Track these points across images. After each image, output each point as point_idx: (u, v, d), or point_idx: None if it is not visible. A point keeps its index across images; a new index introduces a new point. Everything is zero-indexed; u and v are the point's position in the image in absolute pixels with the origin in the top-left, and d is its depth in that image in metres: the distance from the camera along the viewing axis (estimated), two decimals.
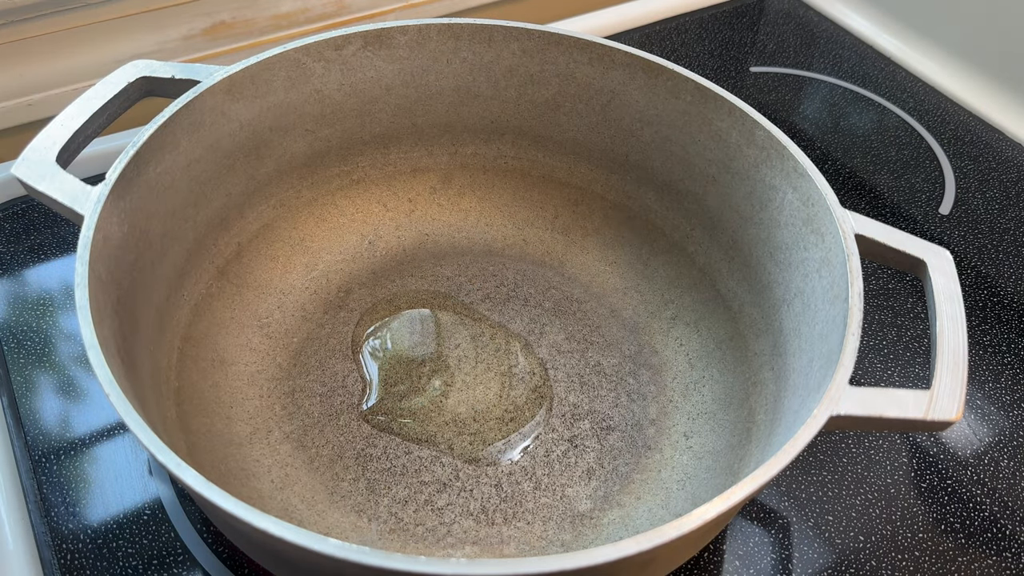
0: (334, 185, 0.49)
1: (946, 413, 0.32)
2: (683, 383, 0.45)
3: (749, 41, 0.72)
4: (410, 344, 0.46)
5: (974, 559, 0.40)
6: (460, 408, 0.43)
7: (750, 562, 0.39)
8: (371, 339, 0.46)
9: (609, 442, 0.43)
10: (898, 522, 0.41)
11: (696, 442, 0.43)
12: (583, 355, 0.46)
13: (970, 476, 0.43)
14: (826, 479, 0.42)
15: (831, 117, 0.65)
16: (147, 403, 0.35)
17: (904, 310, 0.51)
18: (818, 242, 0.39)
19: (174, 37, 0.61)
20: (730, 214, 0.45)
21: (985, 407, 0.46)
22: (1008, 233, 0.56)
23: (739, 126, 0.43)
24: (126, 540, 0.38)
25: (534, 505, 0.40)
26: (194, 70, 0.41)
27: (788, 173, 0.41)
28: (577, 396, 0.44)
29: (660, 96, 0.45)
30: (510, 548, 0.38)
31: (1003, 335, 0.50)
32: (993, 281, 0.53)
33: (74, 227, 0.52)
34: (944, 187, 0.59)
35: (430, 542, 0.38)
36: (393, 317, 0.47)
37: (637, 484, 0.41)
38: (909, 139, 0.63)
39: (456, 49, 0.46)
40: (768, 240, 0.43)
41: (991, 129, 0.64)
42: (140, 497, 0.39)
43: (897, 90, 0.67)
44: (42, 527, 0.38)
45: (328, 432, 0.42)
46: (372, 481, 0.40)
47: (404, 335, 0.46)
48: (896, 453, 0.44)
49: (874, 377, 0.47)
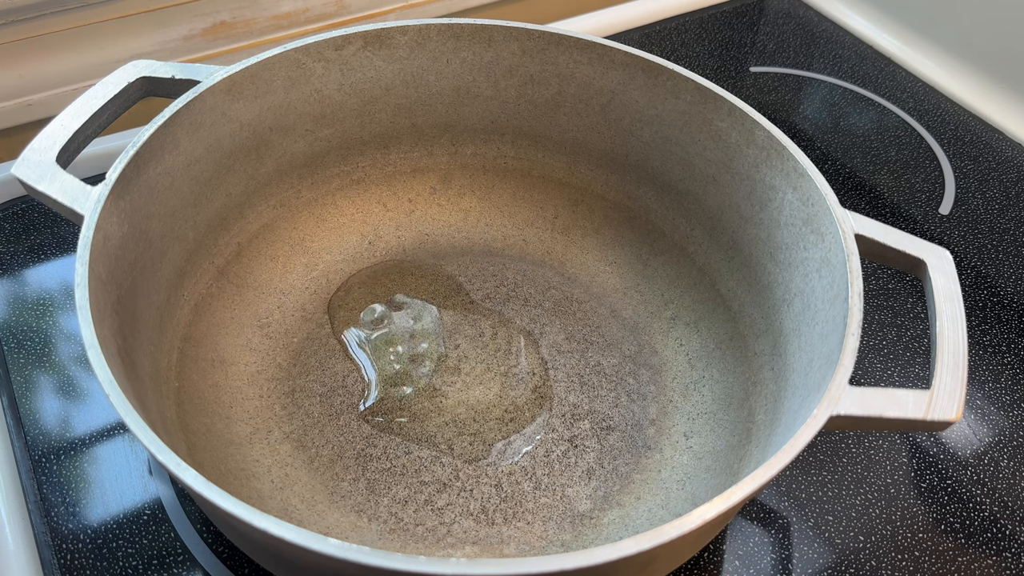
0: (334, 185, 0.49)
1: (946, 413, 0.32)
2: (683, 383, 0.45)
3: (749, 41, 0.72)
4: (410, 344, 0.46)
5: (974, 559, 0.40)
6: (460, 408, 0.43)
7: (750, 562, 0.39)
8: (371, 337, 0.46)
9: (609, 442, 0.43)
10: (898, 522, 0.41)
11: (696, 442, 0.43)
12: (583, 355, 0.46)
13: (970, 476, 0.43)
14: (826, 479, 0.42)
15: (831, 117, 0.65)
16: (147, 403, 0.35)
17: (904, 310, 0.51)
18: (818, 242, 0.39)
19: (174, 37, 0.61)
20: (730, 214, 0.45)
21: (985, 407, 0.46)
22: (1008, 233, 0.56)
23: (739, 126, 0.43)
24: (126, 540, 0.38)
25: (534, 505, 0.40)
26: (194, 70, 0.41)
27: (788, 173, 0.41)
28: (577, 396, 0.44)
29: (660, 96, 0.45)
30: (510, 548, 0.38)
31: (1003, 335, 0.50)
32: (993, 281, 0.53)
33: (74, 227, 0.52)
34: (944, 187, 0.59)
35: (430, 542, 0.38)
36: (393, 315, 0.47)
37: (637, 484, 0.41)
38: (909, 139, 0.63)
39: (456, 49, 0.46)
40: (768, 240, 0.43)
41: (991, 129, 0.64)
42: (140, 497, 0.39)
43: (897, 90, 0.67)
44: (42, 527, 0.38)
45: (328, 432, 0.42)
46: (372, 481, 0.40)
47: (404, 335, 0.46)
48: (896, 453, 0.44)
49: (874, 377, 0.47)
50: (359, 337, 0.46)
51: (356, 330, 0.46)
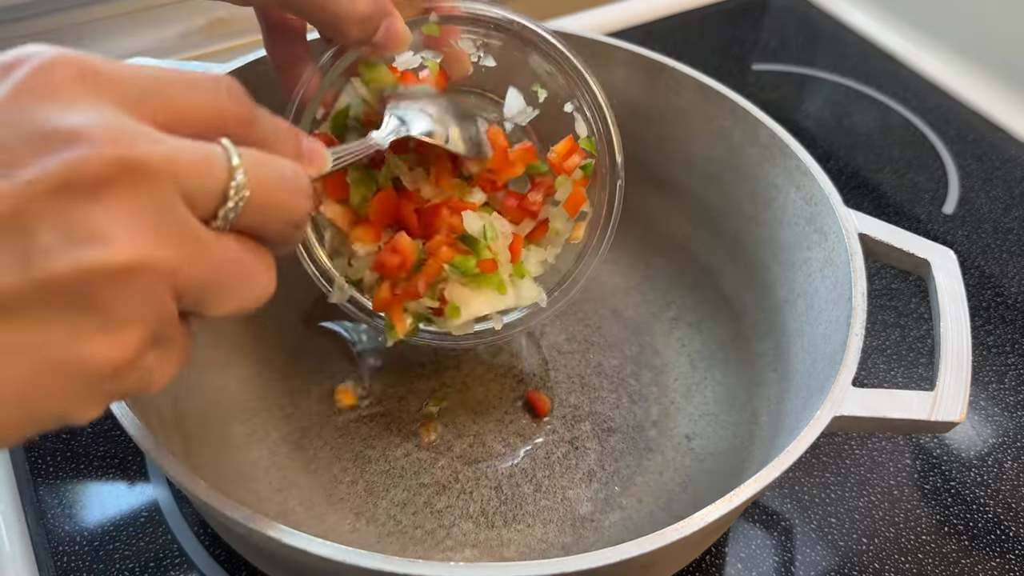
0: None
1: (950, 414, 0.32)
2: (685, 384, 0.45)
3: (752, 39, 0.71)
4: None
5: (977, 561, 0.40)
6: (460, 409, 0.43)
7: (752, 565, 0.39)
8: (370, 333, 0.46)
9: (610, 444, 0.42)
10: (902, 524, 0.41)
11: (698, 444, 0.42)
12: (584, 356, 0.46)
13: (974, 478, 0.43)
14: (829, 481, 0.42)
15: (834, 115, 0.65)
16: (144, 404, 0.35)
17: (908, 310, 0.50)
18: (821, 241, 0.39)
19: (172, 34, 0.61)
20: (732, 213, 0.45)
21: (989, 408, 0.46)
22: (1012, 233, 0.56)
23: (741, 124, 0.43)
24: (122, 543, 0.37)
25: (534, 508, 0.40)
26: (192, 67, 0.41)
27: (791, 172, 0.41)
28: (578, 397, 0.44)
29: (661, 94, 0.45)
30: (510, 551, 0.38)
31: (1007, 335, 0.50)
32: (997, 281, 0.53)
33: None
34: (948, 186, 0.59)
35: (429, 545, 0.38)
36: None
37: (638, 486, 0.41)
38: (913, 138, 0.63)
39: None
40: (771, 239, 0.43)
41: (995, 128, 0.64)
42: (136, 500, 0.39)
43: (901, 88, 0.67)
44: (38, 529, 0.38)
45: (326, 434, 0.42)
46: (371, 483, 0.40)
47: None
48: (899, 455, 0.44)
49: (877, 378, 0.47)
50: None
51: None
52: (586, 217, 0.40)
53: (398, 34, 0.33)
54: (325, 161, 0.27)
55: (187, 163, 0.20)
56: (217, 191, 0.21)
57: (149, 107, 0.21)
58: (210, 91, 0.22)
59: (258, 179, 0.22)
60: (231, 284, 0.22)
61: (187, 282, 0.20)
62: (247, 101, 0.23)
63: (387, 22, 0.33)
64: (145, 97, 0.21)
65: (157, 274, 0.20)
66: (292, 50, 0.36)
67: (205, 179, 0.21)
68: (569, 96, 0.38)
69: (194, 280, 0.21)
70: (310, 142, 0.26)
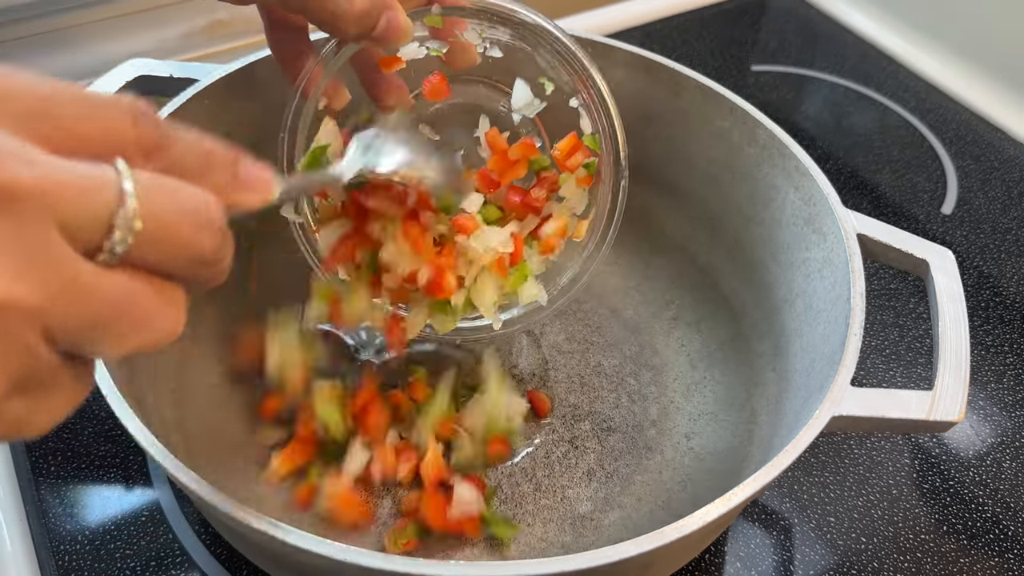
0: None
1: (949, 414, 0.32)
2: (684, 384, 0.45)
3: (751, 40, 0.72)
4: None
5: (976, 560, 0.40)
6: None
7: (751, 564, 0.39)
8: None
9: (610, 443, 0.42)
10: (900, 523, 0.41)
11: (697, 443, 0.42)
12: (583, 356, 0.46)
13: (972, 477, 0.43)
14: (828, 480, 0.42)
15: (833, 116, 0.65)
16: (146, 404, 0.35)
17: (906, 310, 0.50)
18: (820, 242, 0.39)
19: (173, 35, 0.61)
20: (732, 213, 0.45)
21: (988, 408, 0.46)
22: (1011, 233, 0.56)
23: (740, 125, 0.43)
24: (123, 541, 0.38)
25: (534, 507, 0.40)
26: (192, 69, 0.41)
27: (790, 172, 0.41)
28: (577, 397, 0.44)
29: (661, 95, 0.45)
30: (510, 550, 0.38)
31: (1006, 335, 0.50)
32: (996, 281, 0.53)
33: None
34: (946, 187, 0.59)
35: (429, 543, 0.38)
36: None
37: (638, 485, 0.41)
38: (911, 138, 0.63)
39: None
40: (770, 240, 0.43)
41: (994, 128, 0.64)
42: (138, 499, 0.39)
43: (899, 89, 0.67)
44: (40, 529, 0.38)
45: None
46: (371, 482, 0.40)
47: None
48: (898, 454, 0.44)
49: (876, 378, 0.47)
50: None
51: None
52: (589, 215, 0.40)
53: (399, 27, 0.33)
54: (269, 189, 0.24)
55: (65, 187, 0.18)
56: (101, 220, 0.18)
57: (36, 126, 0.18)
58: (109, 111, 0.20)
59: (153, 209, 0.19)
60: (119, 324, 0.19)
61: (61, 323, 0.18)
62: (157, 124, 0.20)
63: (388, 15, 0.33)
64: (32, 115, 0.18)
65: (20, 313, 0.17)
66: (294, 44, 0.37)
67: (87, 206, 0.18)
68: (574, 91, 0.38)
69: (70, 320, 0.18)
70: (254, 169, 0.23)
